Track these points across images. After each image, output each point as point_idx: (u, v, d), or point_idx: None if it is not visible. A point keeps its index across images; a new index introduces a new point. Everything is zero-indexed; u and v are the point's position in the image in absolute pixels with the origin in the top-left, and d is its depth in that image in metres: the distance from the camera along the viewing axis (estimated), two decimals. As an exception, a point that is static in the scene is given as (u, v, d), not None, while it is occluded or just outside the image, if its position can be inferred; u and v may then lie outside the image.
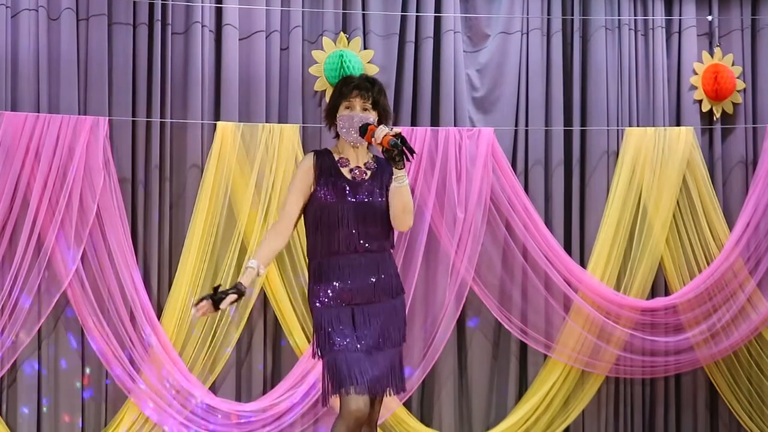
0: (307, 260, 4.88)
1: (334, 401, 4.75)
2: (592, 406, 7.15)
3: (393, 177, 4.67)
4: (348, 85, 4.81)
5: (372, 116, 4.77)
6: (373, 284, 4.74)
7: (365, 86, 4.81)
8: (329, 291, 4.74)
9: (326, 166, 4.79)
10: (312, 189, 4.77)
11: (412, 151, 4.58)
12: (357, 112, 4.76)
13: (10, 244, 6.27)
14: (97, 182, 6.33)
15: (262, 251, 4.69)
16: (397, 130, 4.62)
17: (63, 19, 6.44)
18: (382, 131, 4.62)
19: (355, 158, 4.82)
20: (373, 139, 4.64)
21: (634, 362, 7.08)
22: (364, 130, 4.70)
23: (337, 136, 4.88)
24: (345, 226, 4.72)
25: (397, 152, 4.55)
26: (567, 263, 6.97)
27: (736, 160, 7.40)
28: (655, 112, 7.29)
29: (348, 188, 4.75)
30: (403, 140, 4.57)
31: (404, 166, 4.62)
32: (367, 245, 4.74)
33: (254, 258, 4.65)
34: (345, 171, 4.79)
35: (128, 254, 6.37)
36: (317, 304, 4.76)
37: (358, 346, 4.68)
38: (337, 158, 4.82)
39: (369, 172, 4.81)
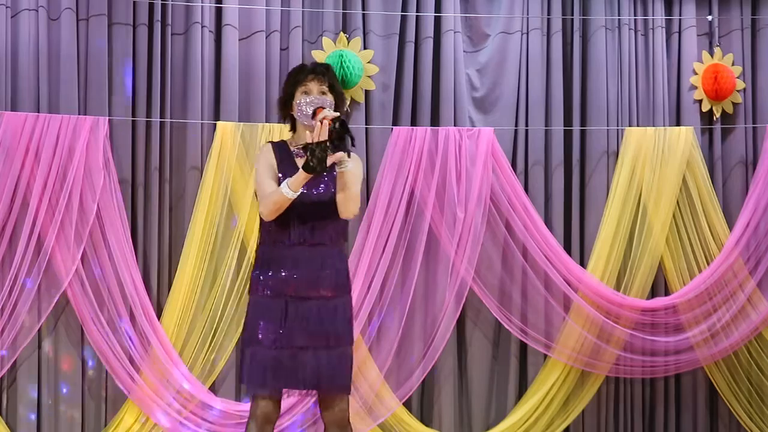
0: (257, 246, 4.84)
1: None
2: (592, 406, 7.15)
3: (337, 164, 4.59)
4: (302, 72, 4.80)
5: (329, 99, 4.76)
6: (316, 279, 4.70)
7: (320, 70, 4.80)
8: (270, 281, 4.71)
9: (283, 156, 4.77)
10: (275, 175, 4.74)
11: (351, 137, 4.50)
12: (314, 95, 4.75)
13: (10, 244, 6.27)
14: (97, 182, 6.33)
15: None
16: (336, 114, 4.56)
17: (63, 19, 6.44)
18: (328, 114, 4.54)
19: None
20: (314, 122, 4.56)
21: (634, 362, 7.08)
22: (314, 113, 4.65)
23: (293, 128, 4.86)
24: (297, 217, 4.69)
25: (336, 136, 4.48)
26: (567, 263, 6.98)
27: (736, 160, 7.40)
28: (655, 112, 7.29)
29: None
30: (342, 123, 4.50)
31: (346, 149, 4.53)
32: (316, 238, 4.71)
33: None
34: (299, 162, 4.75)
35: (128, 254, 6.37)
36: (256, 292, 4.75)
37: (283, 343, 4.66)
38: (293, 149, 4.81)
39: None
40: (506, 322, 6.97)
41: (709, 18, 7.36)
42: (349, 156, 4.57)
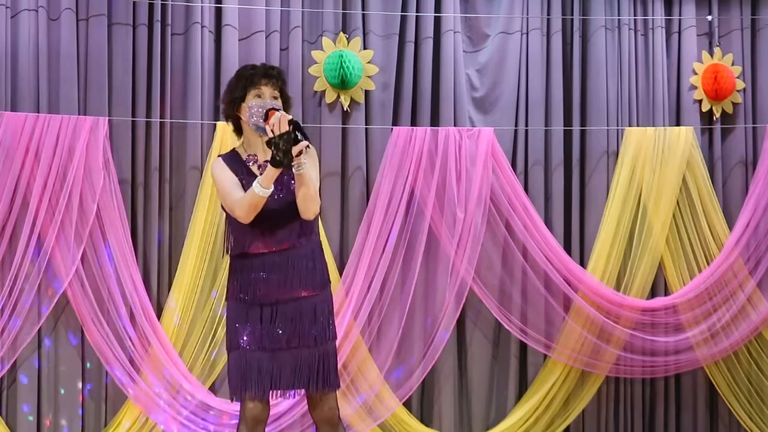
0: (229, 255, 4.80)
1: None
2: (592, 406, 7.15)
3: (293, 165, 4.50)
4: (255, 74, 4.70)
5: (279, 103, 4.69)
6: (287, 281, 4.65)
7: (273, 74, 4.73)
8: (243, 287, 4.68)
9: (237, 167, 4.70)
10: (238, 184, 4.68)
11: (306, 137, 4.45)
12: (267, 99, 4.68)
13: (10, 244, 6.27)
14: (97, 182, 6.33)
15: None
16: (289, 116, 4.49)
17: (63, 19, 6.44)
18: (276, 117, 4.47)
19: (263, 152, 4.71)
20: (270, 124, 4.50)
21: (634, 362, 7.08)
22: (266, 116, 4.57)
23: (240, 131, 4.78)
24: (261, 224, 4.62)
25: (291, 138, 4.41)
26: (567, 263, 6.98)
27: (736, 160, 7.40)
28: (654, 112, 7.29)
29: None
30: (297, 125, 4.44)
31: (300, 151, 4.45)
32: (284, 241, 4.66)
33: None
34: (255, 168, 4.71)
35: (128, 254, 6.37)
36: (231, 299, 4.72)
37: (264, 345, 4.64)
38: (244, 157, 4.74)
39: None
40: (506, 322, 6.97)
41: (709, 18, 7.36)
42: (308, 148, 4.52)
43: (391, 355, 6.77)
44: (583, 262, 7.10)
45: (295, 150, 4.44)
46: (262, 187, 4.50)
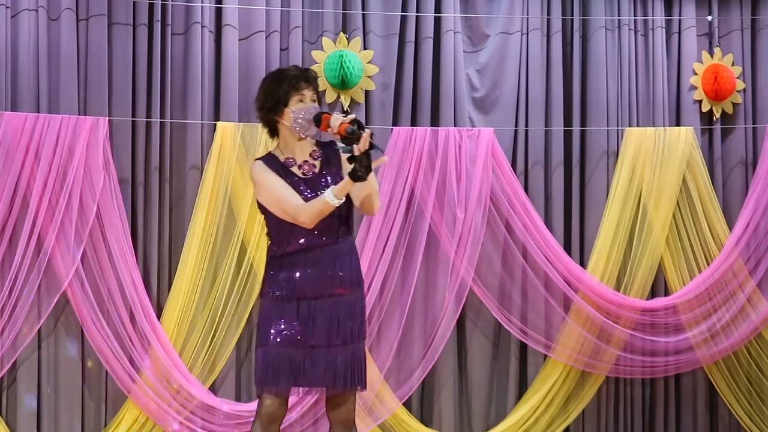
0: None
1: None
2: (592, 406, 7.15)
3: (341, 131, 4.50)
4: (297, 77, 4.71)
5: (317, 106, 4.72)
6: (329, 277, 4.68)
7: (310, 77, 4.74)
8: (282, 282, 4.69)
9: (278, 169, 4.71)
10: None
11: (380, 149, 4.49)
12: (309, 104, 4.71)
13: (10, 244, 6.27)
14: (97, 182, 6.33)
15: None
16: (351, 116, 4.54)
17: (63, 19, 6.43)
18: (337, 119, 4.53)
19: (301, 153, 4.75)
20: (329, 129, 4.55)
21: (634, 362, 7.08)
22: (318, 120, 4.61)
23: (276, 134, 4.80)
24: None
25: (356, 137, 4.45)
26: (567, 263, 6.97)
27: (736, 160, 7.40)
28: (654, 112, 7.29)
29: (303, 186, 4.68)
30: (360, 125, 4.47)
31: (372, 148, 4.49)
32: (325, 239, 4.68)
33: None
34: (295, 170, 4.73)
35: (128, 254, 6.37)
36: (267, 295, 4.73)
37: (299, 341, 4.65)
38: (282, 159, 4.74)
39: (318, 163, 4.75)
40: (506, 322, 6.97)
41: (709, 18, 7.36)
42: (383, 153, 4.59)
43: (391, 355, 6.77)
44: (583, 263, 7.10)
45: (375, 165, 4.49)
46: (336, 198, 4.54)
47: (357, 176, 4.47)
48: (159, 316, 6.47)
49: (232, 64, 6.65)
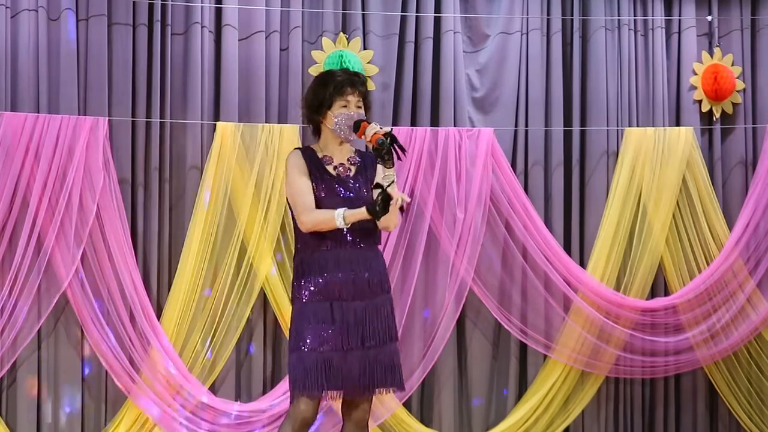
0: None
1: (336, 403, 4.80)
2: (592, 406, 7.15)
3: (382, 176, 4.60)
4: (343, 82, 4.76)
5: (362, 113, 4.77)
6: (359, 279, 4.71)
7: (358, 82, 4.79)
8: (312, 286, 4.71)
9: (313, 163, 4.77)
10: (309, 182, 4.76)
11: (402, 149, 4.54)
12: (353, 110, 4.75)
13: (10, 244, 6.27)
14: (96, 182, 6.33)
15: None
16: (386, 128, 4.59)
17: (63, 19, 6.44)
18: (372, 129, 4.59)
19: (339, 155, 4.81)
20: (363, 136, 4.63)
21: (634, 362, 7.08)
22: (357, 126, 4.68)
23: (318, 133, 4.85)
24: None
25: (385, 150, 4.51)
26: (567, 263, 6.98)
27: (736, 160, 7.41)
28: (654, 112, 7.29)
29: (336, 185, 4.73)
30: (393, 139, 4.52)
31: (393, 165, 4.57)
32: (354, 240, 4.72)
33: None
34: (330, 168, 4.78)
35: (128, 254, 6.37)
36: (299, 299, 4.75)
37: (332, 345, 4.66)
38: (320, 156, 4.80)
39: (353, 168, 4.80)
40: (506, 322, 6.97)
41: (709, 18, 7.36)
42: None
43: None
44: (583, 263, 7.10)
45: (393, 207, 4.53)
46: (343, 221, 4.60)
47: (374, 212, 4.54)
48: (159, 316, 6.47)
49: (232, 64, 6.66)
